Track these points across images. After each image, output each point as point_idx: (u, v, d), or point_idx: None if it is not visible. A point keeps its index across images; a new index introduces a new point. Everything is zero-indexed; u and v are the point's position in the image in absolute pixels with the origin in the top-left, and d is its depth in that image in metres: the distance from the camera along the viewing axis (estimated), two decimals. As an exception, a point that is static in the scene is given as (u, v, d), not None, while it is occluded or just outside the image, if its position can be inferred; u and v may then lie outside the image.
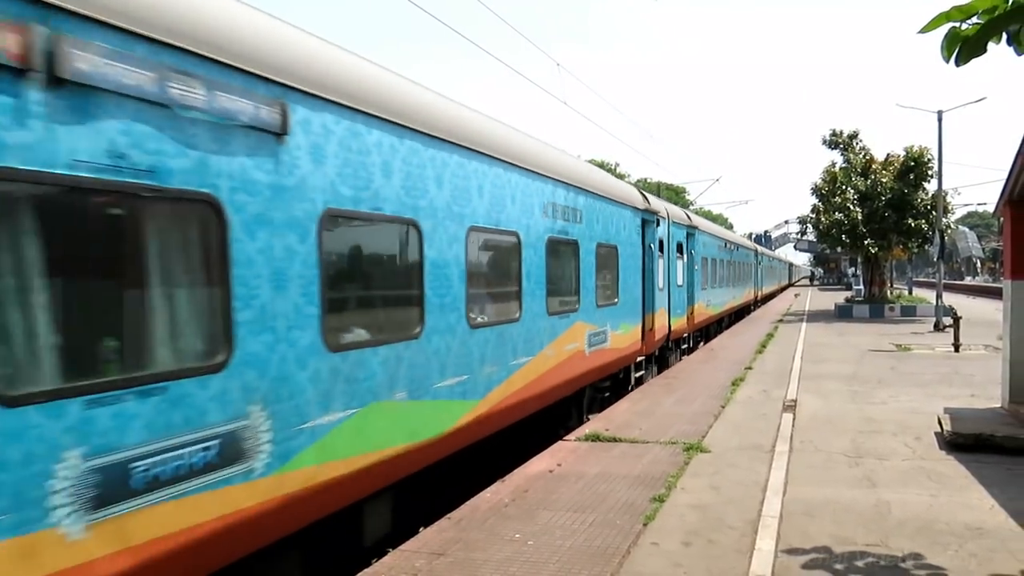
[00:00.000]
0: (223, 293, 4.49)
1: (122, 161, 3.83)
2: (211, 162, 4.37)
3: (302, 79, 5.11)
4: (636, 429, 10.41)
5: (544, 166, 9.57)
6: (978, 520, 6.54)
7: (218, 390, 4.39)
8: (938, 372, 15.89)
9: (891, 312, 34.58)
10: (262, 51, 4.82)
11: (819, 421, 10.85)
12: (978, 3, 3.82)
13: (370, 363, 5.84)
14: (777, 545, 5.98)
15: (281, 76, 4.91)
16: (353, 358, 5.64)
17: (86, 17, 3.64)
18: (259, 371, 4.70)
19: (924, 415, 10.99)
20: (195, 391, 4.24)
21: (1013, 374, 10.97)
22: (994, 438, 9.08)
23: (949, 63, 3.99)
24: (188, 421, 4.17)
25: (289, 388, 4.96)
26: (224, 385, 4.44)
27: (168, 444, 4.04)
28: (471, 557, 5.85)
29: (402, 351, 6.29)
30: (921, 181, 34.22)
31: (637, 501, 7.19)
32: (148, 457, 3.91)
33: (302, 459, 5.06)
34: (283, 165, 4.94)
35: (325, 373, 5.31)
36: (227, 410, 4.45)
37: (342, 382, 5.49)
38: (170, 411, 4.06)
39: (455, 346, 7.17)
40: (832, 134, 38.01)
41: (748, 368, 16.60)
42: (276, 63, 4.91)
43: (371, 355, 5.87)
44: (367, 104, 5.82)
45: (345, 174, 5.54)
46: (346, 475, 5.51)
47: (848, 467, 8.36)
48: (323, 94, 5.30)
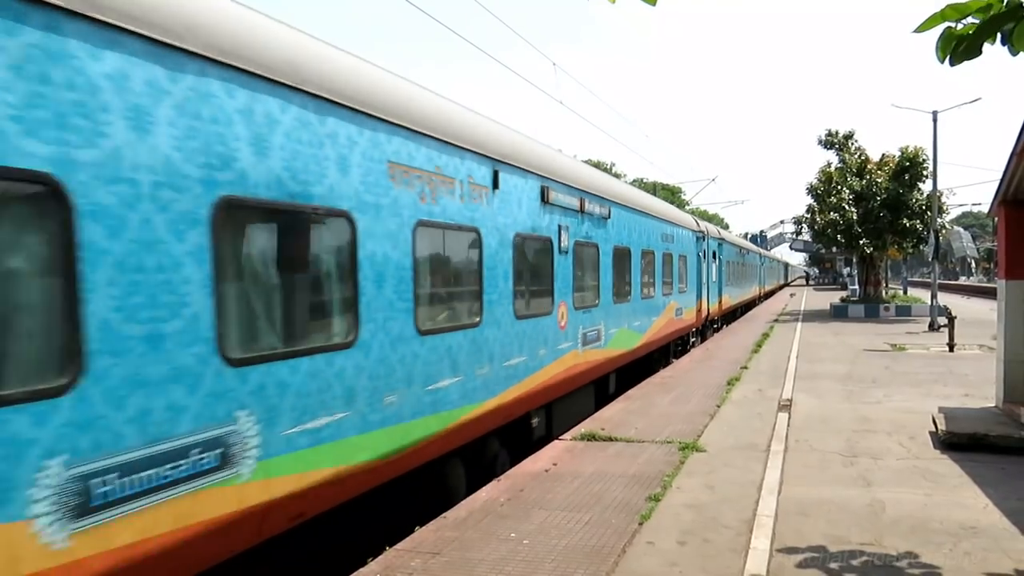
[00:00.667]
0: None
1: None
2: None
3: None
4: (632, 428, 10.42)
5: (662, 213, 17.47)
6: (972, 519, 6.56)
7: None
8: (933, 372, 15.93)
9: (886, 312, 34.65)
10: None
11: (814, 420, 10.87)
12: (973, 3, 3.83)
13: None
14: (772, 544, 5.99)
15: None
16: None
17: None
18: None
19: (919, 415, 11.02)
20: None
21: (1007, 374, 10.99)
22: (988, 437, 9.11)
23: (944, 63, 4.00)
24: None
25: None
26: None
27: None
28: (466, 556, 5.85)
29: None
30: (916, 181, 34.32)
31: (633, 500, 7.19)
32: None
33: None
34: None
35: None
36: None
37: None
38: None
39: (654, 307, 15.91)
40: (828, 134, 38.17)
41: (744, 367, 16.62)
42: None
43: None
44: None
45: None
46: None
47: (843, 466, 8.38)
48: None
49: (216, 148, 4.36)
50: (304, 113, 5.07)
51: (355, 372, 5.58)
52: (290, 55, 5.04)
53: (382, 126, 5.96)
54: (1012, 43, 3.76)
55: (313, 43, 5.47)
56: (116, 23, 3.77)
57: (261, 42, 4.79)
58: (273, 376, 4.77)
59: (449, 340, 7.04)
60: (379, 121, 5.92)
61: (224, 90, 4.42)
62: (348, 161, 5.53)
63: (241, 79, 4.55)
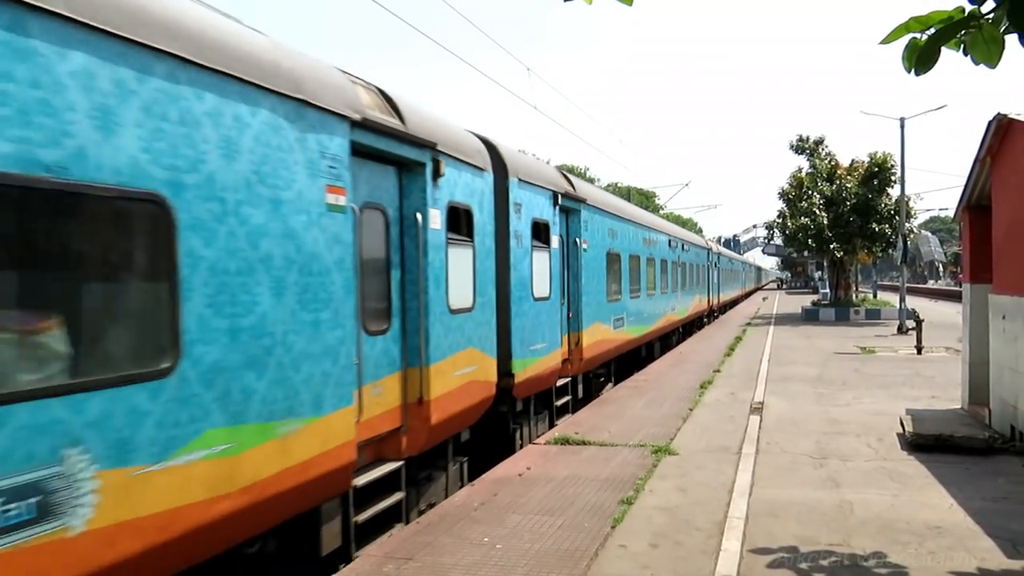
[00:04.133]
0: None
1: None
2: None
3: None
4: (605, 432, 10.47)
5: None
6: (937, 519, 6.68)
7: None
8: (901, 374, 16.20)
9: (856, 315, 35.18)
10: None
11: (785, 423, 11.00)
12: (935, 15, 3.92)
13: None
14: (743, 546, 6.05)
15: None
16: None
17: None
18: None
19: (887, 416, 11.20)
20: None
21: (972, 376, 11.22)
22: (953, 438, 9.28)
23: (911, 72, 4.09)
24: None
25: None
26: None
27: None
28: (440, 561, 5.83)
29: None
30: (885, 186, 34.92)
31: (605, 503, 7.23)
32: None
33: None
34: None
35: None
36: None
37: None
38: None
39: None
40: (799, 139, 38.67)
41: (716, 371, 16.78)
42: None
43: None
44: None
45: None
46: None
47: (813, 468, 8.49)
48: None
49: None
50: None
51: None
52: None
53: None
54: (971, 52, 3.86)
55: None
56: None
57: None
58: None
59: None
60: None
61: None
62: None
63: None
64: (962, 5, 3.85)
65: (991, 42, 3.80)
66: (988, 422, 10.28)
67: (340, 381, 5.59)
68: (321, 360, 5.36)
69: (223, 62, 4.51)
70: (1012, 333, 9.36)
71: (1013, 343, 9.33)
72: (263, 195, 4.80)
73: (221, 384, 4.41)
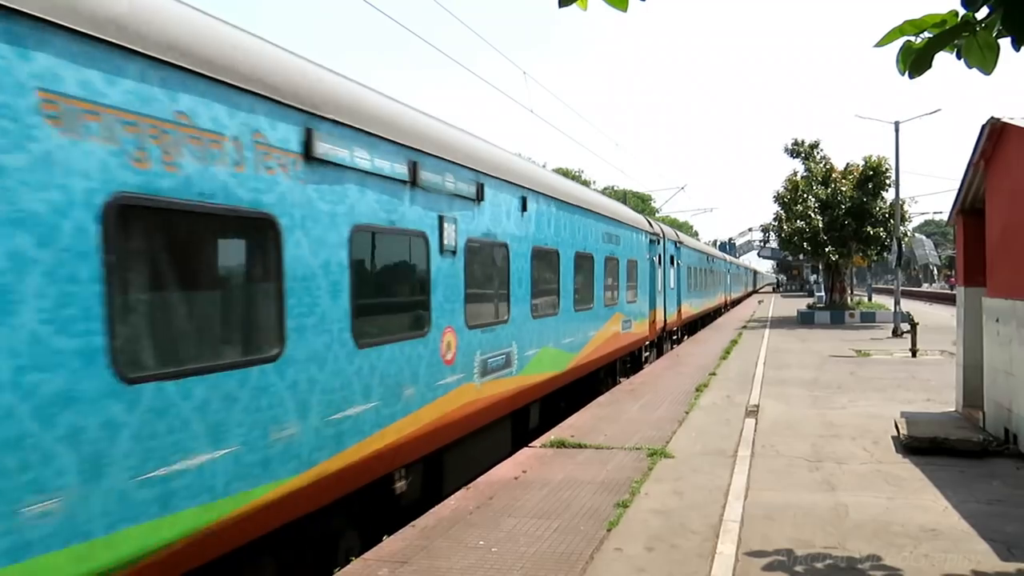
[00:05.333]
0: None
1: None
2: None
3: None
4: (601, 435, 10.46)
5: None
6: (932, 521, 6.69)
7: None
8: (896, 377, 16.24)
9: (851, 318, 35.24)
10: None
11: (780, 426, 11.01)
12: (929, 18, 3.93)
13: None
14: (738, 549, 6.06)
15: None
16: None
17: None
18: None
19: (882, 419, 11.22)
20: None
21: (967, 378, 11.25)
22: (948, 441, 9.30)
23: (905, 76, 4.10)
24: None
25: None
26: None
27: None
28: (435, 565, 5.82)
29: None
30: (879, 190, 35.02)
31: (601, 507, 7.22)
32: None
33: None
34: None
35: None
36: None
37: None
38: None
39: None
40: (794, 143, 38.80)
41: (712, 374, 16.79)
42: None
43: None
44: None
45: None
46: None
47: (808, 471, 8.50)
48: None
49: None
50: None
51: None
52: None
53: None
54: (966, 57, 3.87)
55: None
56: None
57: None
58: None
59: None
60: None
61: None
62: None
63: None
64: (956, 9, 3.86)
65: (987, 48, 3.82)
66: (982, 425, 10.31)
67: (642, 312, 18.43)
68: (640, 306, 18.03)
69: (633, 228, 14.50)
70: (1006, 336, 9.39)
71: (1007, 346, 9.36)
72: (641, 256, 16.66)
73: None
